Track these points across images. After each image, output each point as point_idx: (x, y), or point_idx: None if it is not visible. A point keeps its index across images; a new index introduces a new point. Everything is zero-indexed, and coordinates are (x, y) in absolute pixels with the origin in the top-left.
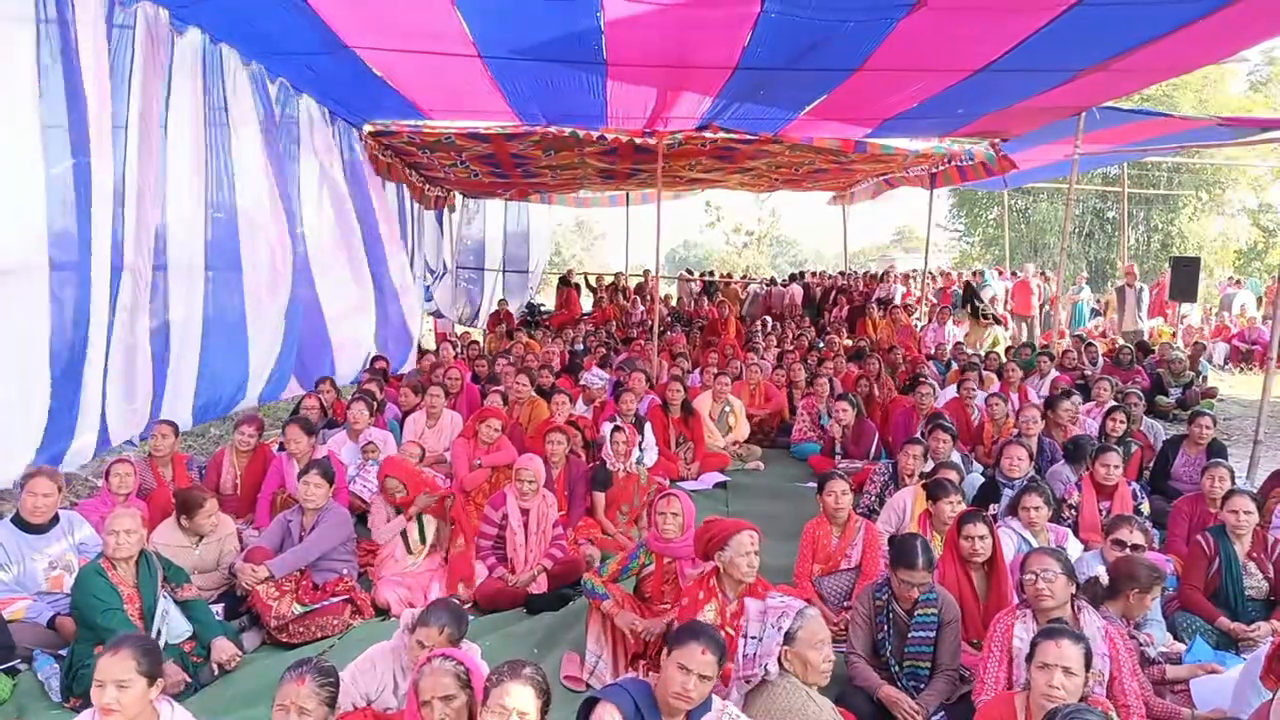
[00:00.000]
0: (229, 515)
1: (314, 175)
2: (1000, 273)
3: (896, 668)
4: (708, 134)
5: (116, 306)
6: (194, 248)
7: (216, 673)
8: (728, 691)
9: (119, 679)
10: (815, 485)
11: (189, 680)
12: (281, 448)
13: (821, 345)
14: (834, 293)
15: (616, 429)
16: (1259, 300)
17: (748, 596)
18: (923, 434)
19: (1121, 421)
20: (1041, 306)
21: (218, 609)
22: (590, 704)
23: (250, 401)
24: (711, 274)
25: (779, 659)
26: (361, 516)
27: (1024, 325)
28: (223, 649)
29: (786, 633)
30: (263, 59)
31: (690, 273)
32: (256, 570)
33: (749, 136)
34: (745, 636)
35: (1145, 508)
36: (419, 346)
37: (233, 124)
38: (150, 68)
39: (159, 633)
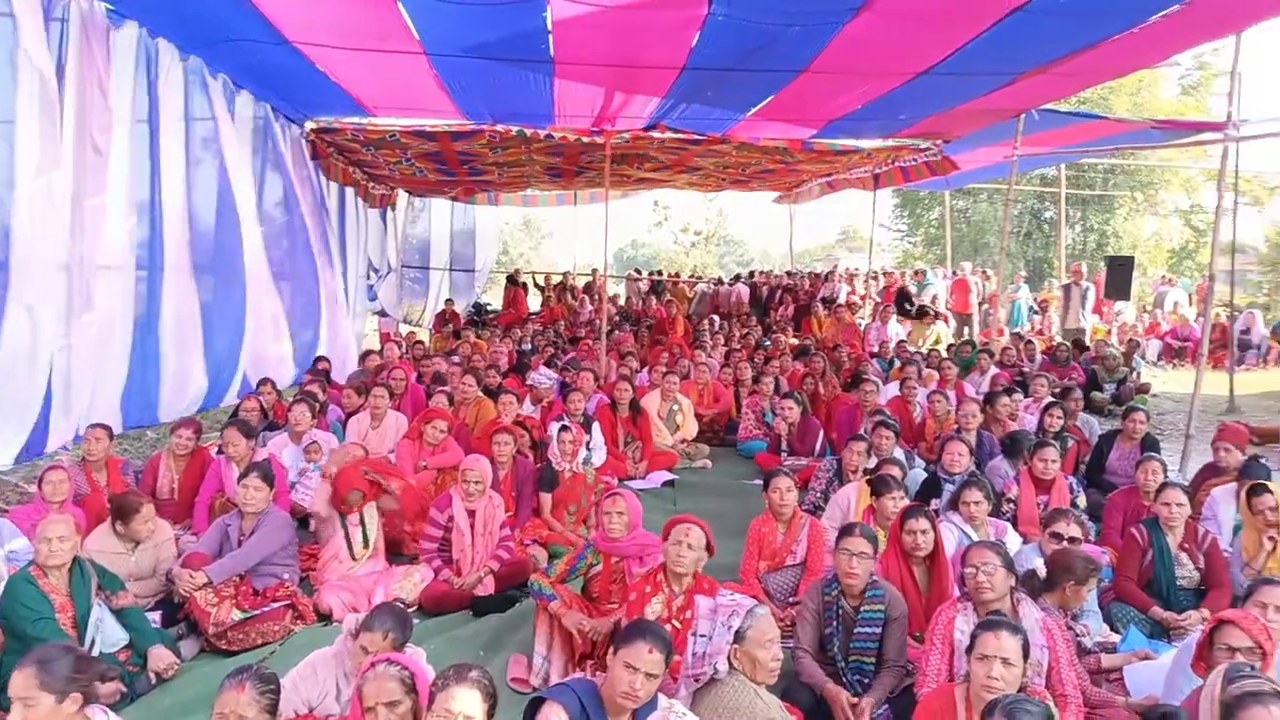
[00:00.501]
0: (166, 520)
1: (254, 174)
2: (944, 274)
3: (842, 663)
4: (655, 134)
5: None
6: (128, 247)
7: (154, 681)
8: (676, 689)
9: (21, 696)
10: (761, 482)
11: (125, 690)
12: (220, 451)
13: (768, 344)
14: (780, 292)
15: (564, 429)
16: (1190, 298)
17: (698, 594)
18: (866, 431)
19: (1058, 417)
20: (980, 305)
21: (154, 616)
22: (536, 704)
23: (189, 406)
24: (659, 273)
25: (728, 657)
26: (304, 520)
27: (963, 323)
28: (160, 657)
29: (736, 631)
30: (202, 54)
31: (638, 272)
32: (194, 576)
33: (697, 136)
34: (695, 635)
35: (1081, 501)
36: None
37: (170, 120)
38: (86, 61)
39: (93, 641)
